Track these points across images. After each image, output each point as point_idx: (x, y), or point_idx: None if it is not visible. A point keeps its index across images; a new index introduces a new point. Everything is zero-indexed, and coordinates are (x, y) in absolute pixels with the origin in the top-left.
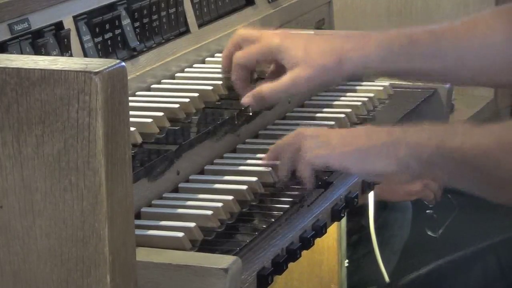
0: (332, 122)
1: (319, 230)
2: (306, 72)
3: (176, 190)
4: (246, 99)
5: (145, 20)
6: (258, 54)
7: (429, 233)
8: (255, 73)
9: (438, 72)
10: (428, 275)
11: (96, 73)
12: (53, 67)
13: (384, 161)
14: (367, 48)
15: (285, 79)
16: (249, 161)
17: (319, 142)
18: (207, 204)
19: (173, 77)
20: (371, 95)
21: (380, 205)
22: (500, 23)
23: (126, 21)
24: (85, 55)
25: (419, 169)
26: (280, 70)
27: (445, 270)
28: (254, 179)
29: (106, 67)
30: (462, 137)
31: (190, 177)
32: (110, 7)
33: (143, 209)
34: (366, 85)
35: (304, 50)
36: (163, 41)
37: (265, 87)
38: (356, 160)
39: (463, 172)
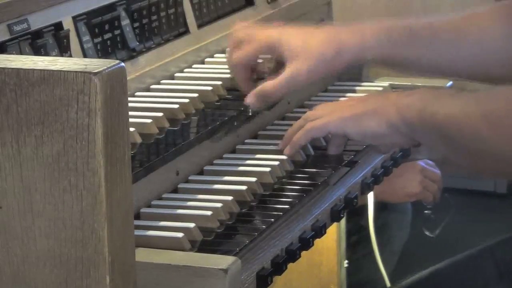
0: None
1: (319, 230)
2: (306, 64)
3: (175, 190)
4: (249, 99)
5: (145, 21)
6: (258, 51)
7: (427, 233)
8: (254, 74)
9: (434, 63)
10: (427, 278)
11: (95, 73)
12: (53, 67)
13: (376, 122)
14: (365, 37)
15: (285, 73)
16: (248, 162)
17: (320, 112)
18: (207, 204)
19: (172, 78)
20: None
21: (380, 206)
22: (498, 19)
23: (125, 22)
24: (85, 56)
25: (406, 131)
26: (280, 68)
27: (444, 272)
28: (253, 179)
29: (105, 67)
30: (441, 103)
31: (190, 178)
32: (110, 8)
33: (143, 210)
34: (365, 86)
35: (303, 42)
36: (163, 41)
37: (267, 85)
38: (352, 123)
39: (439, 139)
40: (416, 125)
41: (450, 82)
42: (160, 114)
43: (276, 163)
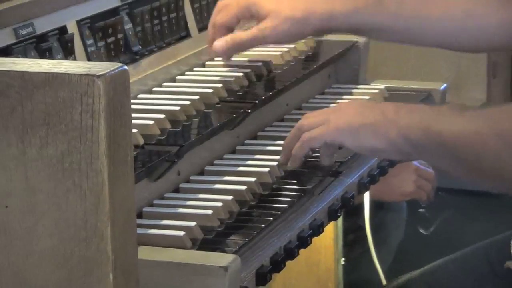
0: None
1: (316, 229)
2: (274, 22)
3: (177, 190)
4: (218, 43)
5: (147, 25)
6: (237, 11)
7: (422, 231)
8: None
9: (399, 31)
10: (421, 276)
11: (99, 76)
12: (57, 70)
13: (375, 139)
14: (333, 4)
15: (255, 28)
16: (248, 162)
17: (317, 121)
18: (207, 204)
19: (174, 80)
20: (367, 97)
21: (376, 205)
22: None
23: (128, 26)
24: (88, 59)
25: (408, 149)
26: None
27: (438, 270)
28: (253, 179)
29: (108, 70)
30: (448, 122)
31: (191, 178)
32: (113, 12)
33: (145, 209)
34: (362, 88)
35: (276, 5)
36: (164, 45)
37: (237, 33)
38: (350, 136)
39: (448, 158)
40: (422, 145)
41: (444, 85)
42: (162, 115)
43: (275, 163)
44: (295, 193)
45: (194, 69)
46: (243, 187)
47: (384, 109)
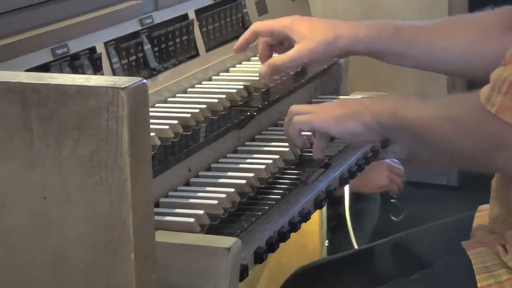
0: None
1: (304, 216)
2: (309, 45)
3: (188, 184)
4: (262, 69)
5: (163, 46)
6: (273, 27)
7: (393, 217)
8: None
9: (412, 58)
10: (389, 240)
11: (122, 88)
12: (87, 83)
13: (354, 124)
14: (359, 31)
15: (292, 50)
16: (247, 160)
17: (306, 109)
18: (213, 195)
19: (185, 92)
20: None
21: (355, 196)
22: (465, 28)
23: (147, 46)
24: (114, 74)
25: (380, 131)
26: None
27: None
28: (251, 175)
29: (131, 83)
30: (412, 108)
31: (199, 173)
32: (134, 35)
33: (161, 199)
34: (358, 95)
35: (309, 28)
36: (177, 62)
37: (277, 58)
38: (334, 124)
39: (411, 139)
40: (389, 127)
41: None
42: (175, 121)
43: (270, 161)
44: (287, 186)
45: (202, 82)
46: (243, 181)
47: (362, 100)
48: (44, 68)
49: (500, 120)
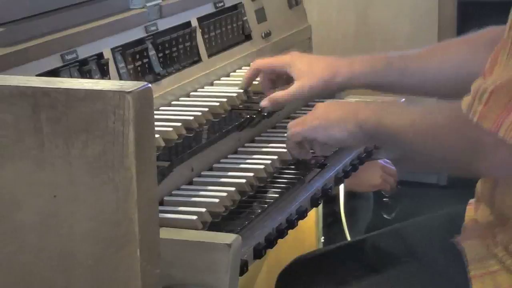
0: None
1: (301, 214)
2: (309, 82)
3: (190, 183)
4: (264, 103)
5: (167, 52)
6: (273, 63)
7: (385, 216)
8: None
9: (406, 86)
10: (383, 233)
11: (128, 92)
12: (95, 87)
13: (339, 132)
14: (354, 68)
15: (293, 87)
16: (247, 161)
17: (298, 122)
18: (215, 194)
19: (188, 96)
20: None
21: (349, 195)
22: (454, 50)
23: (152, 52)
24: (120, 79)
25: (363, 138)
26: (289, 83)
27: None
28: (251, 174)
29: (136, 88)
30: (393, 116)
31: (202, 173)
32: (140, 42)
33: (165, 198)
34: (352, 99)
35: (308, 66)
36: (181, 68)
37: (279, 93)
38: (321, 131)
39: (393, 144)
40: (374, 135)
41: (402, 99)
42: (179, 124)
43: (269, 161)
44: (284, 185)
45: (205, 87)
46: (243, 181)
47: (347, 107)
48: (54, 73)
49: (481, 127)
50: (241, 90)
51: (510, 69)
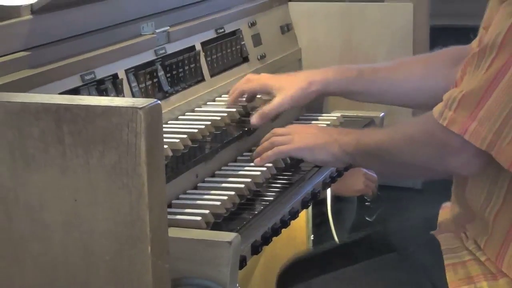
0: None
1: (294, 215)
2: (290, 92)
3: (195, 188)
4: (254, 119)
5: (174, 72)
6: (256, 87)
7: (367, 218)
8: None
9: (375, 93)
10: (368, 235)
11: (140, 108)
12: (111, 104)
13: (324, 154)
14: (328, 76)
15: (276, 99)
16: (245, 168)
17: (285, 140)
18: (217, 197)
19: (193, 111)
20: (328, 122)
21: (335, 198)
22: (418, 65)
23: (161, 73)
24: (133, 96)
25: (346, 159)
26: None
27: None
28: (249, 180)
29: (147, 104)
30: (372, 136)
31: (205, 179)
32: (150, 63)
33: (173, 201)
34: (325, 116)
35: (286, 80)
36: (186, 86)
37: (265, 107)
38: (308, 153)
39: (373, 160)
40: (355, 155)
41: (383, 113)
42: (185, 136)
43: (265, 168)
44: (278, 189)
45: (208, 103)
46: (242, 185)
47: (331, 132)
48: (74, 91)
49: (450, 131)
50: (240, 108)
51: (475, 79)
